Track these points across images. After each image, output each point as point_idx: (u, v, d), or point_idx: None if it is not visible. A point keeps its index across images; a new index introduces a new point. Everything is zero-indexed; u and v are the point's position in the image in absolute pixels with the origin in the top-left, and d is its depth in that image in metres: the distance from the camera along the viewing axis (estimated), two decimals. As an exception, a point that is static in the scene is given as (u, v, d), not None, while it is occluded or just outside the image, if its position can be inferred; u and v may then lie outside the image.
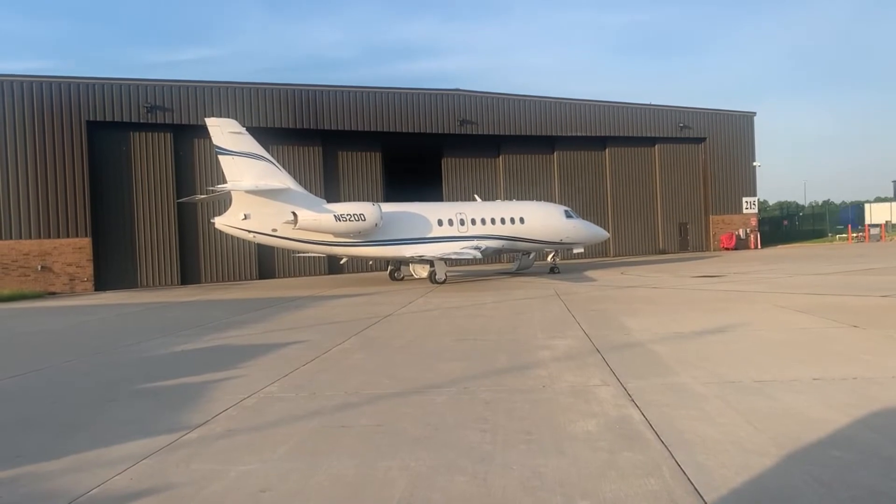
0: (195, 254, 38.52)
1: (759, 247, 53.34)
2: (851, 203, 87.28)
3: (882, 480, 5.41)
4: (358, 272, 40.72)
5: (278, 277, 39.72)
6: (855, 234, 59.97)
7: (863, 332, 12.41)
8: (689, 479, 5.57)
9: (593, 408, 7.92)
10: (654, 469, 5.84)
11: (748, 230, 53.58)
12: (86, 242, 35.11)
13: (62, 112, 34.85)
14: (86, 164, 35.21)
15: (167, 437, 7.33)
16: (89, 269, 35.15)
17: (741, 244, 52.54)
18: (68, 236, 34.82)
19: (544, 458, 6.23)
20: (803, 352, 10.83)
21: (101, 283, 35.56)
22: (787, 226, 77.17)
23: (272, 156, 29.21)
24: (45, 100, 34.61)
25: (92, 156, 35.67)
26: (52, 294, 33.71)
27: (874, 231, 60.00)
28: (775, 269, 30.31)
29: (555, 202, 39.20)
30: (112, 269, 36.21)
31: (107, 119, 35.74)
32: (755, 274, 27.72)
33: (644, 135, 50.79)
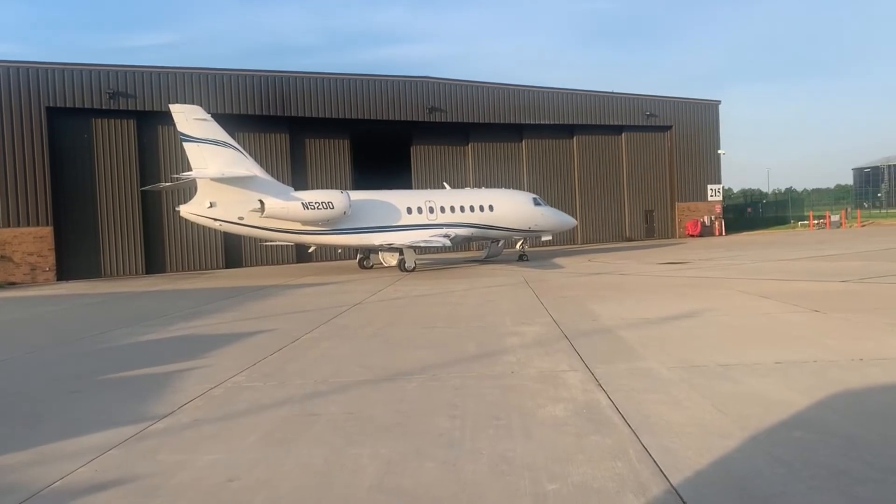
0: (160, 242, 37.90)
1: (724, 234, 54.21)
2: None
3: (842, 460, 5.54)
4: (326, 261, 40.46)
5: (245, 266, 39.29)
6: (816, 222, 61.31)
7: (823, 317, 12.69)
8: (655, 461, 5.66)
9: (561, 393, 7.99)
10: (621, 452, 5.92)
11: (713, 217, 54.37)
12: (47, 231, 34.33)
13: (20, 98, 33.90)
14: (46, 152, 34.34)
15: (133, 428, 7.22)
16: (51, 259, 34.39)
17: (706, 231, 53.33)
18: (28, 225, 33.99)
19: (513, 443, 6.28)
20: (766, 336, 11.05)
21: (64, 272, 34.84)
22: (750, 213, 78.53)
23: (238, 143, 28.84)
24: (2, 85, 33.62)
25: (52, 143, 34.79)
26: (13, 284, 32.93)
27: (834, 218, 61.51)
28: (739, 255, 30.82)
29: (523, 190, 39.34)
30: (75, 259, 35.46)
31: (67, 105, 34.90)
32: (720, 260, 28.15)
33: (611, 123, 51.13)
